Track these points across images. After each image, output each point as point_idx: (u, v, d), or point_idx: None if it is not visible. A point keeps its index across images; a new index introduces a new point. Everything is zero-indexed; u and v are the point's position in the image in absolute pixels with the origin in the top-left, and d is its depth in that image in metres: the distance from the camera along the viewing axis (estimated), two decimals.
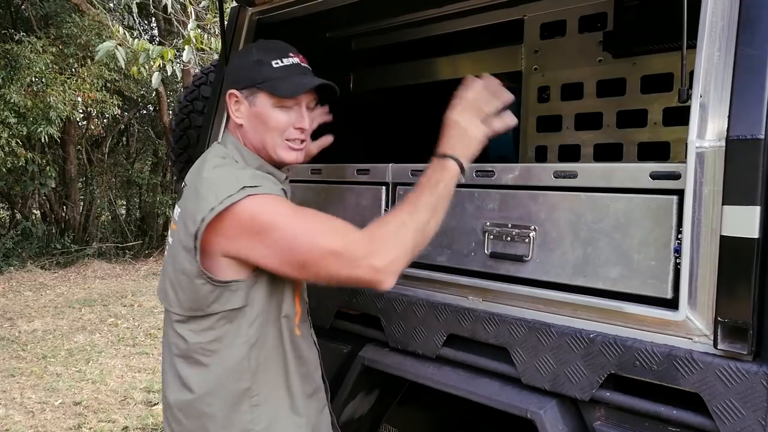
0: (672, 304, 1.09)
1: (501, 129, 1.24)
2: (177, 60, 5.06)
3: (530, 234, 1.30)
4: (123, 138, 12.42)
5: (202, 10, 6.08)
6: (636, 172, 1.16)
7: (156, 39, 9.97)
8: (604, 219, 1.19)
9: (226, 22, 2.04)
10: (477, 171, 1.42)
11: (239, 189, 1.15)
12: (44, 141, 8.27)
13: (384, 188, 1.63)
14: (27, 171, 8.87)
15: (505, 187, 1.37)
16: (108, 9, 8.43)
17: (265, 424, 1.26)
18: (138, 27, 9.05)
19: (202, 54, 5.71)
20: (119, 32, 4.92)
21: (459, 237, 1.44)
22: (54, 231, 10.11)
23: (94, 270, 8.97)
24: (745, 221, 0.98)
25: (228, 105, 1.34)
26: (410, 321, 1.49)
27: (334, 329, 1.72)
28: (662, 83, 1.87)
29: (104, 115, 9.70)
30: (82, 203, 10.81)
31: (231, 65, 1.42)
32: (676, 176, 1.10)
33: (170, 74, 5.35)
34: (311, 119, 1.36)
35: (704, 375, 1.02)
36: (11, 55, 7.67)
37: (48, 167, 9.13)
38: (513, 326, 1.29)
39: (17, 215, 10.02)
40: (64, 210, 10.49)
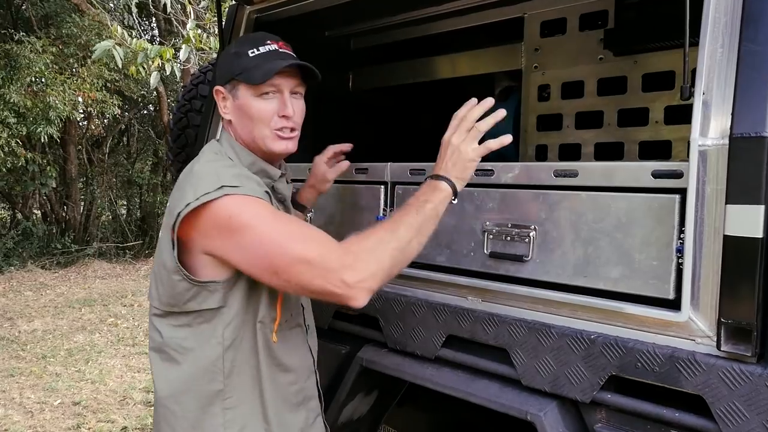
0: (674, 305, 1.08)
1: (496, 148, 1.23)
2: (175, 59, 5.05)
3: (530, 234, 1.29)
4: (123, 138, 12.42)
5: (202, 10, 6.07)
6: (638, 171, 1.15)
7: (156, 39, 9.97)
8: (605, 218, 1.18)
9: (225, 21, 2.03)
10: (476, 170, 1.40)
11: (218, 187, 1.14)
12: (44, 141, 8.26)
13: (383, 187, 1.61)
14: (27, 171, 8.86)
15: (505, 186, 1.36)
16: (108, 9, 8.43)
17: (236, 430, 1.23)
18: (138, 27, 9.05)
19: (202, 53, 5.70)
20: (117, 32, 4.91)
21: (458, 237, 1.43)
22: (54, 231, 10.10)
23: (95, 270, 8.97)
24: (749, 220, 0.96)
25: (217, 102, 1.33)
26: (409, 321, 1.48)
27: (333, 330, 1.70)
28: (664, 81, 1.86)
29: (104, 115, 9.69)
30: (83, 203, 10.81)
31: (217, 62, 1.41)
32: (679, 175, 1.09)
33: (169, 74, 5.34)
34: (300, 107, 1.31)
35: (707, 377, 1.01)
36: (11, 55, 7.67)
37: (48, 167, 9.13)
38: (513, 327, 1.28)
39: (18, 215, 10.03)
40: (65, 210, 10.49)
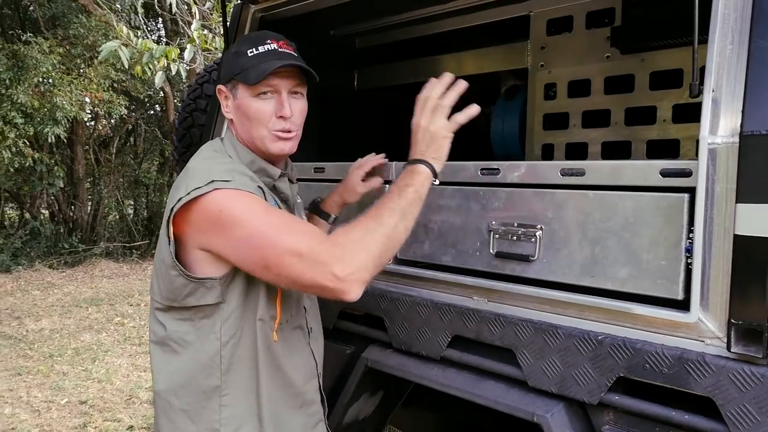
0: (683, 306, 1.06)
1: (465, 121, 1.26)
2: (181, 60, 5.07)
3: (536, 233, 1.28)
4: (130, 138, 12.48)
5: (207, 11, 6.08)
6: (646, 170, 1.14)
7: (163, 39, 10.01)
8: (613, 218, 1.16)
9: (229, 20, 2.02)
10: (482, 169, 1.39)
11: (208, 182, 1.15)
12: (52, 141, 8.31)
13: (388, 186, 1.60)
14: (35, 171, 8.92)
15: (511, 186, 1.35)
16: (114, 10, 8.46)
17: (232, 429, 1.23)
18: (144, 27, 9.08)
19: (208, 54, 5.72)
20: (123, 32, 4.93)
21: (464, 236, 1.42)
22: (62, 230, 10.16)
23: (102, 269, 9.01)
24: (760, 220, 0.94)
25: (220, 101, 1.33)
26: (414, 322, 1.47)
27: (337, 330, 1.70)
28: (672, 79, 1.84)
29: (111, 116, 9.73)
30: (90, 203, 10.87)
31: (221, 62, 1.41)
32: (688, 173, 1.07)
33: (175, 74, 5.35)
34: (299, 108, 1.30)
35: (717, 379, 0.99)
36: (19, 56, 7.72)
37: (56, 167, 9.18)
38: (519, 327, 1.27)
39: (26, 215, 10.10)
40: (72, 210, 10.56)
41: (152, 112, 12.29)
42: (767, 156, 0.94)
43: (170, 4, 5.61)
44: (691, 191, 1.05)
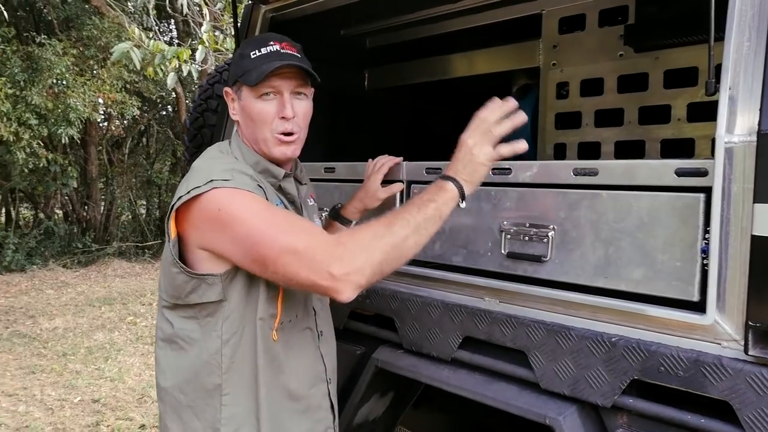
0: (699, 307, 1.05)
1: (509, 155, 1.21)
2: (192, 61, 5.10)
3: (549, 233, 1.26)
4: (143, 139, 12.59)
5: (218, 12, 6.12)
6: (661, 169, 1.12)
7: (175, 40, 10.08)
8: (627, 218, 1.15)
9: (240, 21, 2.03)
10: (494, 169, 1.38)
11: (207, 181, 1.15)
12: (65, 142, 8.41)
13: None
14: (49, 171, 9.02)
15: (523, 185, 1.33)
16: (127, 11, 8.54)
17: (232, 430, 1.22)
18: (156, 29, 9.16)
19: (219, 54, 5.74)
20: (135, 33, 4.97)
21: (475, 236, 1.41)
22: (75, 230, 10.27)
23: (114, 269, 9.10)
24: None
25: (228, 103, 1.34)
26: (425, 322, 1.46)
27: (348, 330, 1.69)
28: (686, 78, 1.82)
29: (124, 116, 9.83)
30: (103, 203, 10.98)
31: (230, 64, 1.41)
32: (703, 173, 1.05)
33: (187, 75, 5.39)
34: (302, 109, 1.29)
35: (734, 382, 0.98)
36: (33, 58, 7.81)
37: (70, 168, 9.28)
38: (531, 329, 1.26)
39: (40, 215, 10.21)
40: (86, 210, 10.67)
41: (164, 113, 12.39)
42: None
43: (181, 6, 5.64)
44: (707, 191, 1.03)
